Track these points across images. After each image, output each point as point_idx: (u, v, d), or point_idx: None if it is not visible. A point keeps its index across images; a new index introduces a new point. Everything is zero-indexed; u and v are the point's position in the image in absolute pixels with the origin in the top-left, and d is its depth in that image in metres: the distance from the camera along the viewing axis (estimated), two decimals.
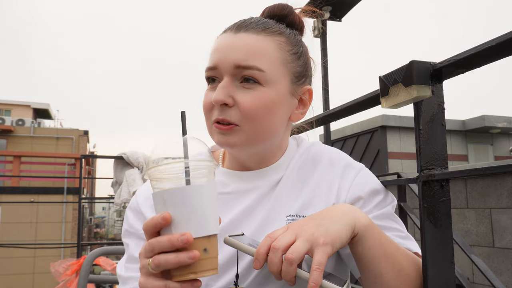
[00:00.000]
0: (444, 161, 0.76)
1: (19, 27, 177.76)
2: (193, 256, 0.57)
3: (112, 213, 40.56)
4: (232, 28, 0.79)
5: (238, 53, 0.76)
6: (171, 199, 0.59)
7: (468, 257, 2.24)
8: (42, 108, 22.72)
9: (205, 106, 0.79)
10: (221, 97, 0.75)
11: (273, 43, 0.79)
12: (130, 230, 0.85)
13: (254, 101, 0.75)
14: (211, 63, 0.78)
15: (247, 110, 0.75)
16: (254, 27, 0.79)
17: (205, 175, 0.62)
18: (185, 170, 0.60)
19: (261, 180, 0.83)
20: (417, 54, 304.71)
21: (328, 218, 0.66)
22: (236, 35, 0.78)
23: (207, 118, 0.80)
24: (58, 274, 3.28)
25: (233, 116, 0.76)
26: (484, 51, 0.65)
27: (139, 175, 3.70)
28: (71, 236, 12.55)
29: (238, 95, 0.76)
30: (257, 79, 0.76)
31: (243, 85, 0.76)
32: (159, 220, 0.58)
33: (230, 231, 0.78)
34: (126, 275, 0.81)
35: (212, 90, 0.78)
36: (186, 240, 0.57)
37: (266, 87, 0.76)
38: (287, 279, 0.61)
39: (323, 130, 4.05)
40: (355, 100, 1.03)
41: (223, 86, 0.75)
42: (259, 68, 0.75)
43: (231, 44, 0.77)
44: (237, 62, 0.75)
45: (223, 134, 0.77)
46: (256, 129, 0.77)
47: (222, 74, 0.77)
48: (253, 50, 0.76)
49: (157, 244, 0.58)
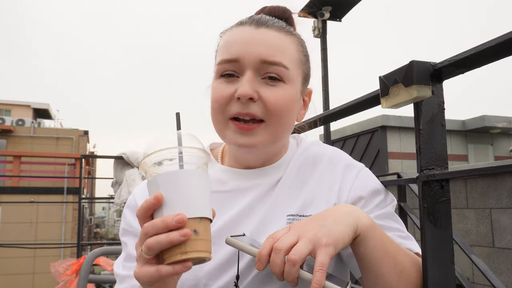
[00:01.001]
0: (444, 161, 0.76)
1: (19, 27, 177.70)
2: (185, 233, 0.56)
3: (112, 213, 40.55)
4: (251, 23, 0.78)
5: (264, 48, 0.74)
6: (164, 182, 0.60)
7: (468, 257, 2.23)
8: (42, 108, 22.70)
9: (219, 100, 0.76)
10: (250, 91, 0.72)
11: (293, 42, 0.79)
12: (128, 228, 0.84)
13: (279, 97, 0.75)
14: (231, 55, 0.75)
15: (273, 106, 0.74)
16: (274, 25, 0.78)
17: (198, 163, 0.63)
18: (179, 156, 0.61)
19: (261, 179, 0.83)
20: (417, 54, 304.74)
21: (331, 218, 0.66)
22: (257, 29, 0.76)
23: (220, 113, 0.76)
24: (58, 274, 3.28)
25: (258, 111, 0.74)
26: (484, 51, 0.65)
27: (139, 175, 3.70)
28: (71, 236, 12.55)
29: (263, 90, 0.74)
30: (281, 76, 0.75)
31: (267, 82, 0.75)
32: (152, 200, 0.59)
33: (229, 229, 0.78)
34: (124, 274, 0.80)
35: (228, 84, 0.76)
36: (180, 219, 0.57)
37: (288, 85, 0.76)
38: (290, 280, 0.61)
39: (323, 130, 4.05)
40: (355, 100, 1.03)
41: (249, 80, 0.73)
42: (285, 65, 0.75)
43: (255, 38, 0.75)
44: (264, 57, 0.74)
45: (243, 134, 0.75)
46: (280, 126, 0.77)
47: (244, 68, 0.75)
48: (279, 47, 0.75)
49: (152, 227, 0.58)
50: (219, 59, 0.77)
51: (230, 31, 0.80)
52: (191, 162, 0.62)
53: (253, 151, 0.79)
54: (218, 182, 0.84)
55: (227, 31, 0.81)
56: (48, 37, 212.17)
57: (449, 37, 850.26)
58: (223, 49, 0.77)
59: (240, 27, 0.78)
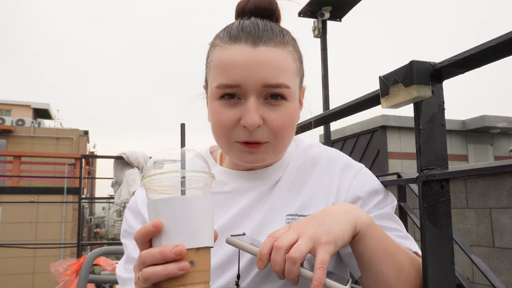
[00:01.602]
0: (444, 161, 0.76)
1: (19, 27, 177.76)
2: (183, 267, 0.55)
3: (112, 213, 40.55)
4: (246, 40, 0.74)
5: (265, 71, 0.72)
6: (164, 208, 0.58)
7: (468, 257, 2.23)
8: (42, 108, 22.71)
9: (224, 125, 0.74)
10: (257, 120, 0.72)
11: (289, 55, 0.76)
12: (129, 230, 0.84)
13: (283, 118, 0.75)
14: (232, 81, 0.72)
15: (277, 129, 0.74)
16: (270, 39, 0.74)
17: (201, 187, 0.62)
18: (181, 181, 0.59)
19: (260, 180, 0.83)
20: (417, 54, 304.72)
21: (330, 217, 0.66)
22: (255, 49, 0.73)
23: (225, 137, 0.76)
24: (58, 274, 3.28)
25: (263, 136, 0.74)
26: (484, 51, 0.65)
27: (139, 175, 3.70)
28: (71, 236, 12.55)
29: (267, 113, 0.74)
30: (284, 95, 0.75)
31: (270, 102, 0.74)
32: (150, 227, 0.57)
33: (228, 230, 0.78)
34: (126, 276, 0.80)
35: (230, 107, 0.74)
36: (179, 252, 0.55)
37: (289, 102, 0.76)
38: (290, 278, 0.61)
39: (323, 130, 4.05)
40: (355, 100, 1.03)
41: (254, 108, 0.72)
42: (287, 85, 0.74)
43: (255, 61, 0.72)
44: (266, 82, 0.72)
45: (251, 153, 0.75)
46: (283, 143, 0.78)
47: (246, 93, 0.73)
48: (278, 67, 0.73)
49: (149, 257, 0.57)
50: (218, 82, 0.74)
51: (224, 48, 0.75)
52: (194, 187, 0.61)
53: (258, 164, 0.79)
54: (218, 183, 0.84)
55: (219, 47, 0.77)
56: (48, 37, 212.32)
57: (449, 37, 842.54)
58: (221, 71, 0.74)
59: (236, 45, 0.74)
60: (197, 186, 0.61)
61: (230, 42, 0.75)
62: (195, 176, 0.61)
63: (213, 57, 0.78)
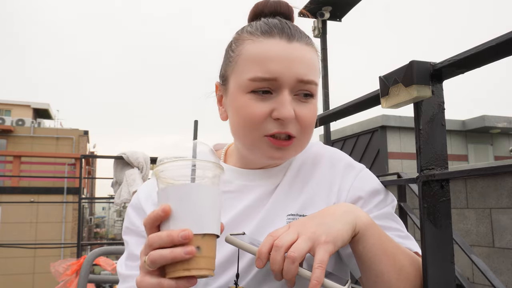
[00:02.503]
0: (444, 161, 0.76)
1: (19, 27, 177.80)
2: (189, 251, 0.56)
3: (112, 213, 40.55)
4: (281, 35, 0.75)
5: (301, 67, 0.74)
6: (173, 194, 0.60)
7: (468, 257, 2.23)
8: (42, 108, 22.70)
9: (254, 119, 0.74)
10: (292, 113, 0.73)
11: (316, 54, 0.80)
12: (130, 227, 0.85)
13: (311, 114, 0.77)
14: (270, 74, 0.73)
15: (306, 124, 0.76)
16: (302, 37, 0.77)
17: (210, 177, 0.63)
18: (192, 169, 0.61)
19: (263, 179, 0.84)
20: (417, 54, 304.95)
21: (330, 217, 0.66)
22: (290, 44, 0.75)
23: (254, 130, 0.75)
24: (58, 274, 3.28)
25: (293, 130, 0.75)
26: (484, 51, 0.65)
27: (139, 175, 3.70)
28: (71, 236, 12.55)
29: (299, 109, 0.75)
30: (313, 93, 0.77)
31: (299, 98, 0.76)
32: (159, 212, 0.59)
33: (231, 229, 0.78)
34: (126, 273, 0.81)
35: (262, 101, 0.74)
36: (186, 235, 0.57)
37: (315, 99, 0.78)
38: (289, 277, 0.61)
39: (323, 130, 4.06)
40: (355, 100, 1.03)
41: (289, 101, 0.74)
42: (316, 82, 0.77)
43: (292, 56, 0.74)
44: (300, 76, 0.74)
45: (279, 149, 0.76)
46: (308, 140, 0.80)
47: (280, 87, 0.74)
48: (310, 64, 0.76)
49: (157, 239, 0.58)
50: (252, 75, 0.74)
51: (258, 42, 0.76)
52: (204, 176, 0.63)
53: (280, 162, 0.81)
54: (223, 181, 0.84)
55: (251, 40, 0.77)
56: (48, 37, 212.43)
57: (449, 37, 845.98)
58: (255, 64, 0.74)
59: (270, 39, 0.75)
60: (206, 175, 0.63)
61: (264, 36, 0.76)
62: (205, 165, 0.63)
63: (242, 50, 0.77)
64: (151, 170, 3.68)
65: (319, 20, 4.02)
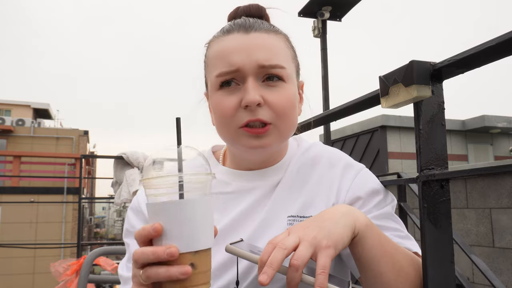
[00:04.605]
0: (444, 161, 0.76)
1: (19, 27, 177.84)
2: (185, 271, 0.56)
3: (112, 213, 40.55)
4: (238, 29, 0.78)
5: (261, 53, 0.75)
6: (163, 212, 0.58)
7: (468, 257, 2.23)
8: (42, 108, 22.70)
9: (226, 112, 0.76)
10: (258, 97, 0.73)
11: (282, 40, 0.80)
12: (130, 229, 0.85)
13: (282, 98, 0.76)
14: (231, 66, 0.75)
15: (278, 107, 0.75)
16: (262, 27, 0.78)
17: (199, 188, 0.61)
18: (179, 184, 0.59)
19: (262, 180, 0.83)
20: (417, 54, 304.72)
21: (329, 220, 0.66)
22: (248, 35, 0.77)
23: (229, 124, 0.76)
24: (58, 274, 3.28)
25: (265, 115, 0.75)
26: (484, 51, 0.65)
27: (139, 175, 3.70)
28: (71, 236, 12.56)
29: (267, 94, 0.75)
30: (281, 76, 0.77)
31: (268, 84, 0.76)
32: (150, 231, 0.57)
33: (231, 231, 0.78)
34: (127, 275, 0.81)
35: (230, 94, 0.76)
36: (171, 253, 0.55)
37: (287, 83, 0.78)
38: (292, 285, 0.60)
39: (323, 130, 4.05)
40: (355, 100, 1.03)
41: (253, 87, 0.74)
42: (281, 65, 0.77)
43: (249, 44, 0.76)
44: (261, 62, 0.75)
45: (257, 137, 0.76)
46: (286, 126, 0.78)
47: (244, 76, 0.75)
48: (272, 49, 0.77)
49: (142, 256, 0.57)
50: (217, 72, 0.76)
51: (219, 41, 0.79)
52: (192, 190, 0.60)
53: (263, 151, 0.79)
54: (221, 183, 0.84)
55: (214, 42, 0.80)
56: (48, 37, 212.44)
57: (450, 37, 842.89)
58: (218, 61, 0.77)
59: (229, 35, 0.78)
60: (195, 188, 0.61)
61: (224, 34, 0.79)
62: (193, 178, 0.60)
63: (209, 53, 0.81)
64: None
65: (319, 20, 4.02)
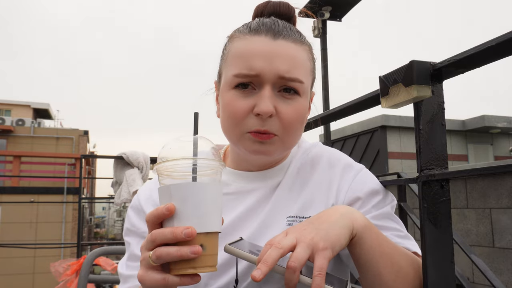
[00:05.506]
0: (444, 161, 0.76)
1: (19, 27, 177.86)
2: (196, 251, 0.57)
3: (112, 213, 40.56)
4: (266, 32, 0.76)
5: (283, 63, 0.74)
6: (177, 193, 0.60)
7: (468, 257, 2.23)
8: (42, 108, 22.71)
9: (237, 114, 0.75)
10: (271, 109, 0.73)
11: (306, 53, 0.79)
12: (131, 228, 0.85)
13: (294, 112, 0.76)
14: (251, 70, 0.74)
15: (288, 122, 0.75)
16: (290, 35, 0.77)
17: (210, 175, 0.64)
18: (193, 168, 0.62)
19: (263, 181, 0.84)
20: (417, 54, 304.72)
21: (327, 221, 0.66)
22: (275, 41, 0.75)
23: (237, 126, 0.76)
24: (58, 274, 3.28)
25: (273, 127, 0.75)
26: (484, 51, 0.65)
27: (139, 175, 3.70)
28: (71, 236, 12.56)
29: (280, 105, 0.75)
30: (297, 90, 0.76)
31: (283, 95, 0.76)
32: (164, 210, 0.59)
33: (230, 231, 0.78)
34: (127, 274, 0.81)
35: (244, 97, 0.75)
36: (190, 233, 0.57)
37: (302, 98, 0.77)
38: (290, 286, 0.60)
39: (323, 130, 4.05)
40: (355, 100, 1.03)
41: (269, 96, 0.74)
42: (300, 80, 0.76)
43: (274, 52, 0.74)
44: (281, 73, 0.74)
45: (261, 143, 0.75)
46: (291, 138, 0.78)
47: (262, 83, 0.74)
48: (295, 61, 0.76)
49: (160, 235, 0.58)
50: (236, 71, 0.75)
51: (244, 39, 0.77)
52: (204, 175, 0.63)
53: (265, 158, 0.79)
54: (222, 184, 0.84)
55: (239, 38, 0.79)
56: (49, 37, 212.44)
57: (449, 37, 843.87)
58: (239, 60, 0.76)
59: (256, 36, 0.76)
60: (207, 173, 0.64)
61: (251, 34, 0.77)
62: (206, 164, 0.63)
63: (231, 48, 0.79)
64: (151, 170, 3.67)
65: (319, 20, 4.02)
